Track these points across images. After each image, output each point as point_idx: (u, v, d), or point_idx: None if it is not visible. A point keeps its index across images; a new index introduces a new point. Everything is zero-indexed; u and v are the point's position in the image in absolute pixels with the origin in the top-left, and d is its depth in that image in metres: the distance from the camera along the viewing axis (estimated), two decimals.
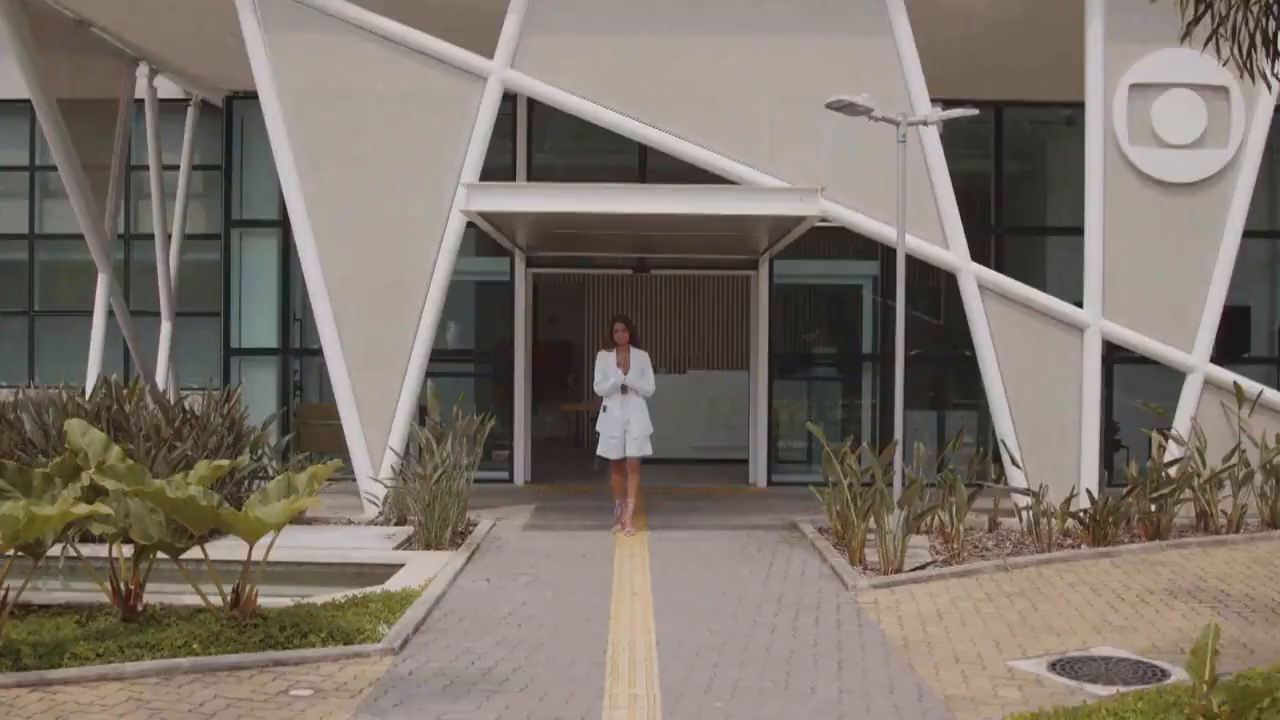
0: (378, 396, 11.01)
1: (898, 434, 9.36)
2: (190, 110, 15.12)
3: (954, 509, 9.27)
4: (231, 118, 14.35)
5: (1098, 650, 6.58)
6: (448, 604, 7.57)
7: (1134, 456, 11.20)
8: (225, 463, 6.96)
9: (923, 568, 8.74)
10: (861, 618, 7.32)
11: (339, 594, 7.51)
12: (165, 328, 14.93)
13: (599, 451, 10.54)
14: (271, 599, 7.29)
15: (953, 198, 11.16)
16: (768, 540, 10.03)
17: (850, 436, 11.15)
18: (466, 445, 10.32)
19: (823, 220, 10.70)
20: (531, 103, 13.47)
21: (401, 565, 8.80)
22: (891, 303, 13.93)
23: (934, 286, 14.06)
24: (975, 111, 9.50)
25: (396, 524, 10.46)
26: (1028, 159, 15.18)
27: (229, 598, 6.60)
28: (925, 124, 9.63)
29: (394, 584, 8.02)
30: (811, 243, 12.47)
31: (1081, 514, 9.87)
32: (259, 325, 14.31)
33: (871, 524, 8.93)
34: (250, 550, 6.58)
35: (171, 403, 11.14)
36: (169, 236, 15.02)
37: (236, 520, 6.33)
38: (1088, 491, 10.04)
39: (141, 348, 14.46)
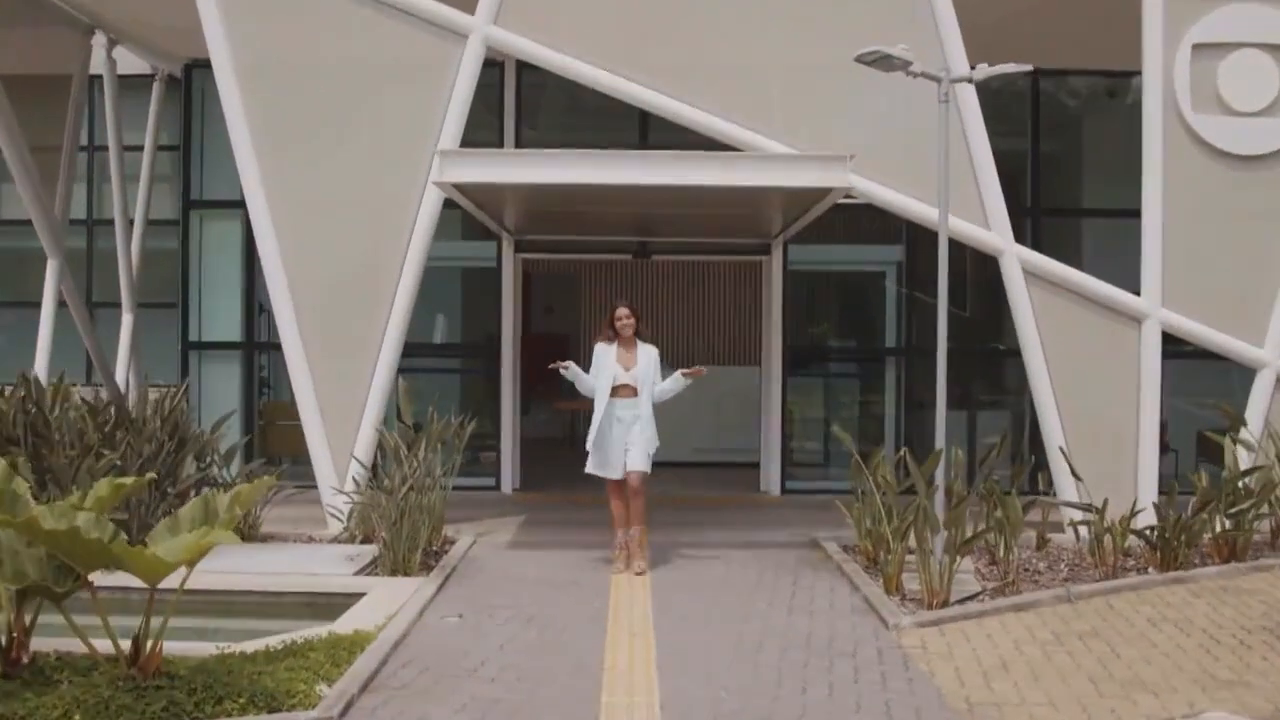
0: (343, 396, 9.74)
1: (939, 439, 8.05)
2: (155, 86, 13.81)
3: (1005, 528, 7.94)
4: (191, 88, 13.04)
5: (1212, 717, 5.28)
6: (409, 650, 6.27)
7: (1185, 463, 9.98)
8: (127, 481, 5.65)
9: (972, 599, 7.45)
10: (910, 668, 6.02)
11: (279, 637, 6.21)
12: (126, 320, 13.66)
13: (589, 469, 8.48)
14: (191, 645, 6.03)
15: (994, 171, 9.87)
16: (786, 562, 8.74)
17: (879, 443, 9.88)
18: (443, 452, 9.09)
19: (848, 196, 9.40)
20: (520, 74, 12.20)
21: (361, 595, 7.51)
22: (918, 293, 12.81)
23: (958, 273, 12.76)
24: (1029, 68, 8.20)
25: (363, 541, 9.16)
26: (1062, 135, 13.85)
27: (127, 651, 5.30)
28: (971, 80, 8.30)
29: (347, 622, 6.72)
30: (826, 226, 11.21)
31: (1148, 532, 8.58)
32: (221, 317, 12.99)
33: (911, 542, 7.62)
34: (152, 595, 5.27)
35: (134, 402, 9.90)
36: (131, 222, 13.75)
37: (131, 559, 5.03)
38: (1155, 506, 8.73)
39: (103, 342, 13.21)
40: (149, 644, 5.26)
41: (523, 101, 12.37)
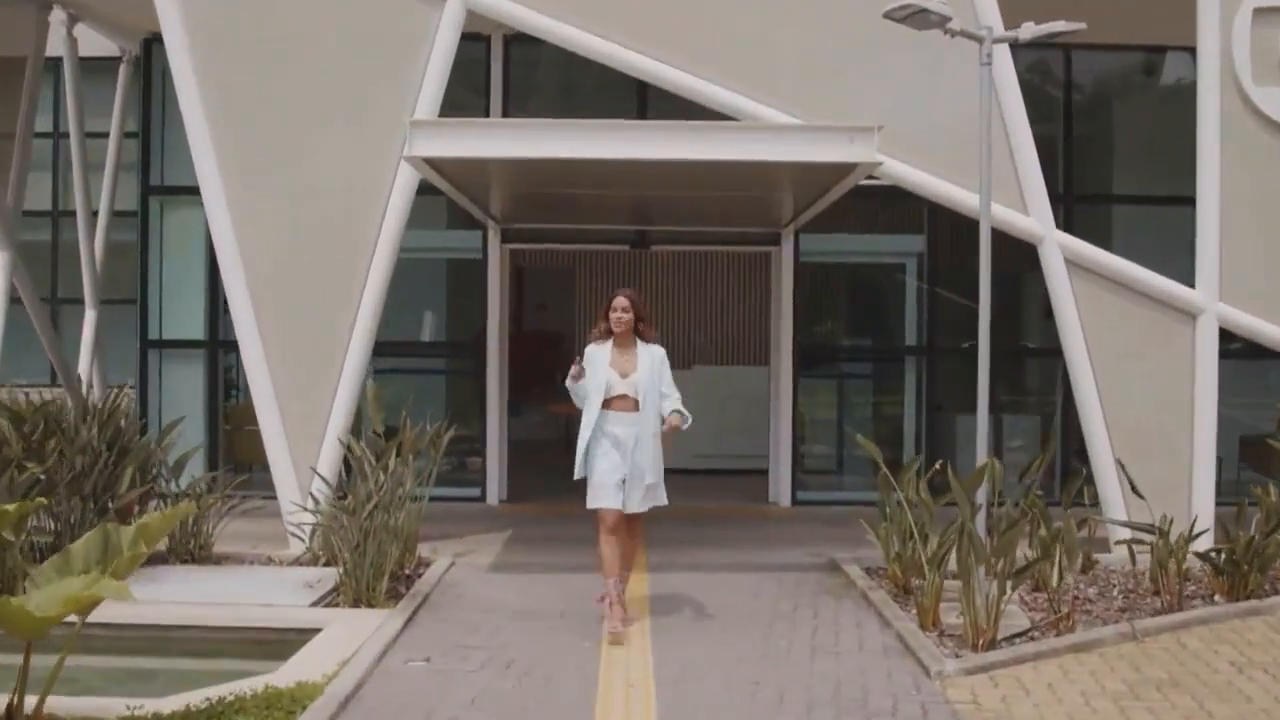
0: (306, 400, 8.74)
1: (981, 451, 7.03)
2: (122, 69, 12.78)
3: (1060, 554, 6.89)
4: (151, 64, 12.00)
5: None
6: (361, 706, 5.25)
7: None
8: (10, 508, 4.63)
9: (1022, 636, 6.44)
10: None
11: (204, 693, 5.19)
12: (89, 316, 12.60)
13: (591, 503, 6.76)
14: (94, 702, 5.01)
15: (1033, 150, 8.86)
16: (804, 588, 7.72)
17: (897, 449, 8.87)
18: (419, 462, 8.12)
19: (870, 177, 8.39)
20: (508, 50, 11.17)
21: (316, 631, 6.50)
22: (940, 286, 11.80)
23: (974, 268, 11.77)
24: (1082, 25, 7.17)
25: (327, 564, 8.11)
26: (1096, 116, 12.82)
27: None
28: (1017, 40, 7.27)
29: (291, 670, 5.70)
30: (840, 214, 10.23)
31: (1214, 554, 7.56)
32: (184, 313, 11.95)
33: (951, 563, 6.60)
34: (28, 654, 4.24)
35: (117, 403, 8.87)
36: (95, 213, 12.73)
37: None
38: (1225, 528, 7.70)
39: (67, 340, 12.20)
40: (30, 705, 4.24)
41: (510, 81, 11.33)
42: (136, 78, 12.56)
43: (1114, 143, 12.48)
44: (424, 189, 8.96)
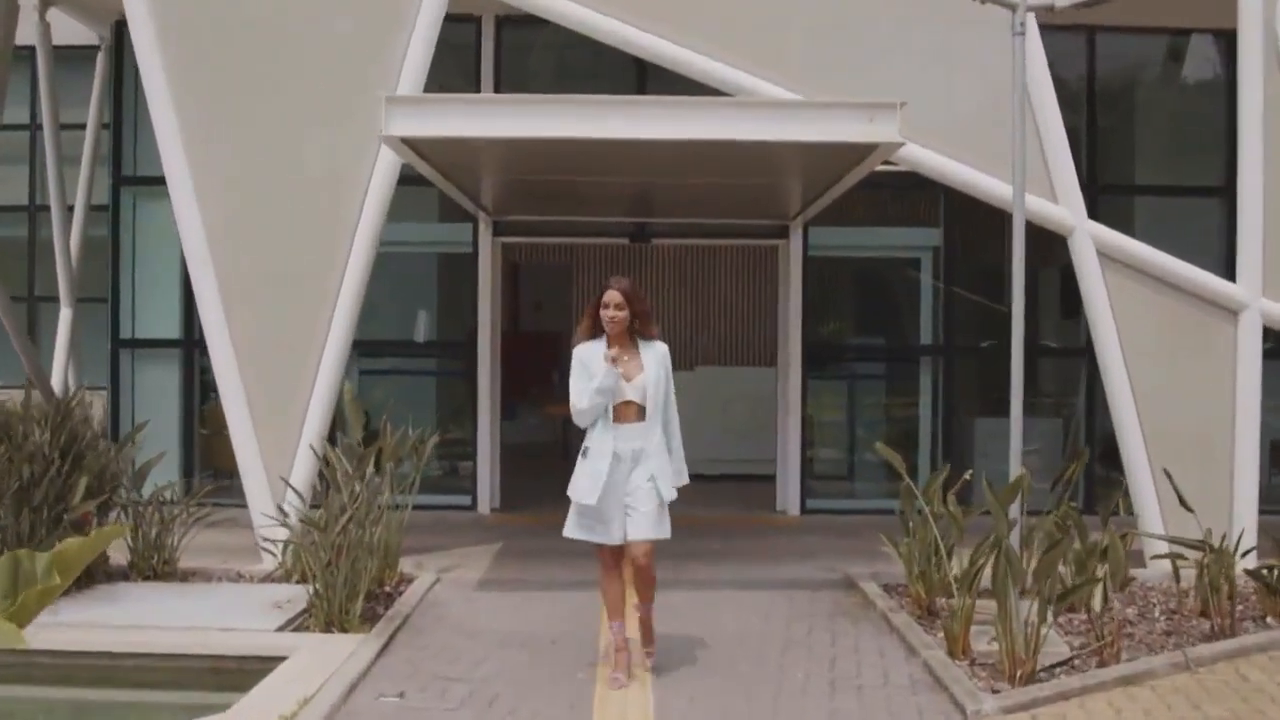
0: (279, 403, 8.12)
1: (1014, 462, 6.39)
2: (100, 58, 12.15)
3: (1104, 573, 6.23)
4: (122, 48, 11.35)
5: None
6: None
7: None
8: None
9: (1064, 666, 5.80)
10: None
11: None
12: (65, 315, 11.99)
13: (569, 531, 5.72)
14: None
15: (1063, 133, 8.24)
16: (818, 608, 7.09)
17: (911, 454, 8.24)
18: (402, 469, 7.53)
19: (887, 162, 7.75)
20: (500, 32, 10.54)
21: (281, 660, 5.87)
22: (957, 283, 11.17)
23: (994, 262, 11.21)
24: None
25: (299, 581, 7.47)
26: (1121, 103, 12.18)
27: None
28: (1053, 8, 6.63)
29: (250, 705, 5.08)
30: (851, 205, 9.63)
31: (1265, 572, 6.92)
32: (158, 310, 11.31)
33: (981, 582, 5.97)
34: None
35: (72, 405, 8.25)
36: (70, 208, 12.11)
37: None
38: (1275, 540, 7.06)
39: (44, 339, 11.61)
40: None
41: (502, 65, 10.67)
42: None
43: (1137, 132, 11.84)
44: (411, 179, 8.38)
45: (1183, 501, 7.00)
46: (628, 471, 5.57)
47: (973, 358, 11.21)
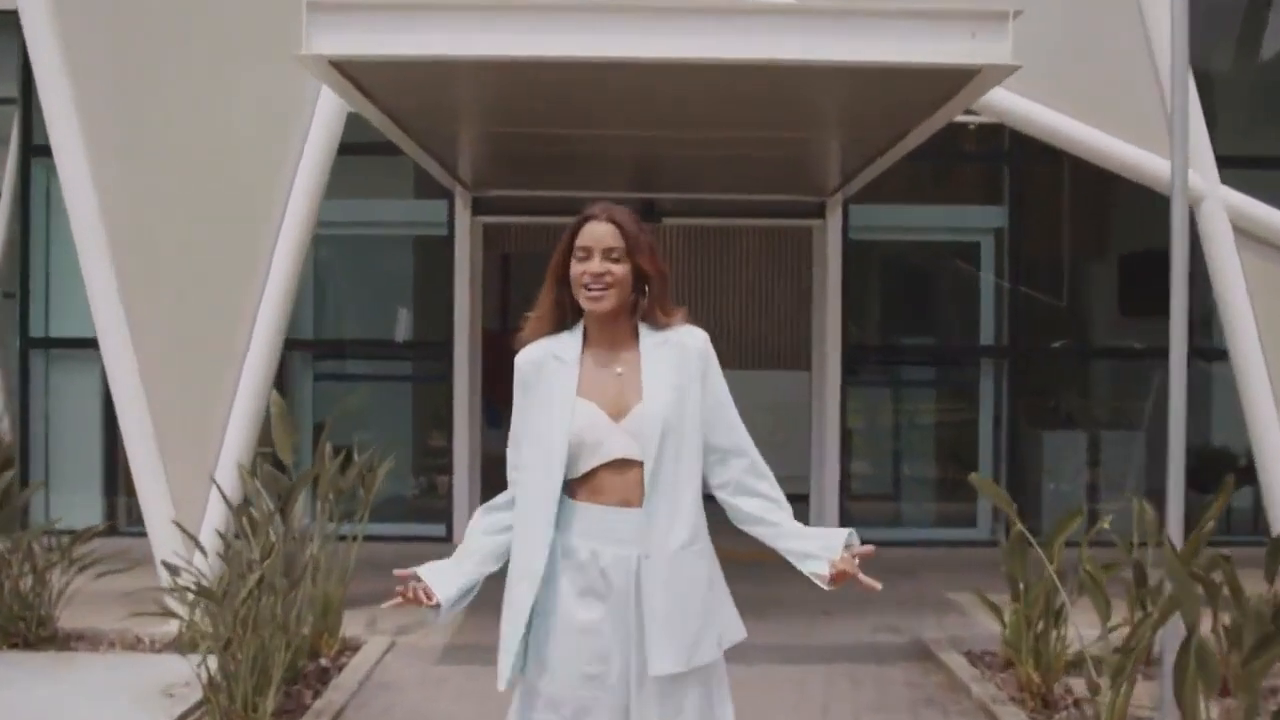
0: (190, 421, 6.39)
1: (1173, 506, 4.62)
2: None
3: None
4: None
5: None
6: None
7: None
8: None
9: None
10: None
11: None
12: None
13: (503, 685, 2.92)
14: None
15: (1191, 82, 6.50)
16: (889, 692, 5.36)
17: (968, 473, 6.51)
18: (347, 500, 5.84)
19: (970, 111, 6.02)
20: None
21: None
22: (1025, 272, 9.48)
23: (1053, 247, 9.64)
24: None
25: (211, 651, 5.74)
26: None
27: None
28: None
29: None
30: (896, 179, 8.02)
31: None
32: (78, 304, 9.54)
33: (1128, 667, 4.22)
34: None
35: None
36: None
37: None
38: None
39: None
40: None
41: None
42: None
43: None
44: (374, 146, 6.76)
45: None
46: (624, 602, 2.82)
47: (1042, 360, 9.52)
